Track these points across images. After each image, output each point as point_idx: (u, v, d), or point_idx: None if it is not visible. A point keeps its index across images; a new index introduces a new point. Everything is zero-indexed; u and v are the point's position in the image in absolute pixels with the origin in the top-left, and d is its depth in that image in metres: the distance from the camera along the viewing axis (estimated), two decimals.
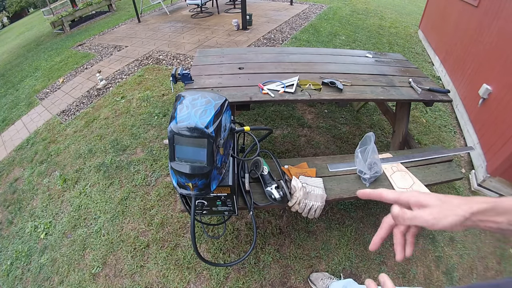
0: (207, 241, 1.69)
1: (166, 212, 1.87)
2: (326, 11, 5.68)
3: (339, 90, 1.63)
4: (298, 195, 1.17)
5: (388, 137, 2.41)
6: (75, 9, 6.81)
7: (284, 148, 2.29)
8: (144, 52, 4.29)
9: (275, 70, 1.86)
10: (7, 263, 1.81)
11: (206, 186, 0.85)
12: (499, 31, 2.20)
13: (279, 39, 4.29)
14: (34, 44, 6.54)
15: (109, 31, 5.75)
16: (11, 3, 18.94)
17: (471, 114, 2.41)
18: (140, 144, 2.45)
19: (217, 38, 4.48)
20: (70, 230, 1.88)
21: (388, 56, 2.24)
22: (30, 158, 2.63)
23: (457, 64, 2.90)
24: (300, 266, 1.57)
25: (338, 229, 1.74)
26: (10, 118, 3.48)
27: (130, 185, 2.09)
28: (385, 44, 4.22)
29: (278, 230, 1.73)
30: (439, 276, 1.56)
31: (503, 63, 2.04)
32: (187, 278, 1.53)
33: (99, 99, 3.26)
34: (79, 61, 4.44)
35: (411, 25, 5.15)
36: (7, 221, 2.10)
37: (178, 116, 0.79)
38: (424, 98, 1.67)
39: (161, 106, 2.91)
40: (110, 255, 1.69)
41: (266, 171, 1.25)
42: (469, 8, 2.87)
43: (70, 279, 1.61)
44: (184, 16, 6.03)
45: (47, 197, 2.16)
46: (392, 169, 1.40)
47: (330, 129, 2.48)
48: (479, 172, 2.03)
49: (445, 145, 2.37)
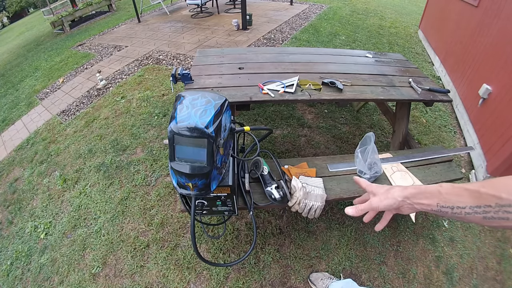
0: (207, 241, 1.69)
1: (166, 212, 1.87)
2: (326, 11, 5.68)
3: (339, 90, 1.63)
4: (298, 195, 1.17)
5: (388, 137, 2.41)
6: (75, 9, 6.81)
7: (284, 148, 2.29)
8: (144, 52, 4.29)
9: (275, 70, 1.86)
10: (7, 263, 1.81)
11: (206, 186, 0.85)
12: (499, 31, 2.20)
13: (279, 39, 4.29)
14: (34, 44, 6.54)
15: (109, 31, 5.75)
16: (11, 3, 18.94)
17: (471, 114, 2.41)
18: (140, 144, 2.45)
19: (217, 38, 4.48)
20: (70, 230, 1.88)
21: (388, 56, 2.24)
22: (30, 158, 2.63)
23: (457, 64, 2.89)
24: (300, 266, 1.57)
25: (338, 229, 1.74)
26: (10, 118, 3.48)
27: (130, 185, 2.09)
28: (385, 44, 4.22)
29: (278, 230, 1.73)
30: (439, 276, 1.56)
31: (503, 63, 2.04)
32: (187, 278, 1.53)
33: (99, 99, 3.26)
34: (79, 61, 4.44)
35: (411, 25, 5.15)
36: (7, 221, 2.10)
37: (178, 116, 0.79)
38: (424, 98, 1.67)
39: (161, 106, 2.91)
40: (110, 255, 1.69)
41: (266, 171, 1.25)
42: (469, 8, 2.87)
43: (70, 279, 1.61)
44: (184, 16, 6.03)
45: (47, 197, 2.16)
46: (392, 169, 1.40)
47: (330, 129, 2.48)
48: (479, 172, 2.03)
49: (445, 145, 2.37)
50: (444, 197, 0.48)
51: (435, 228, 1.77)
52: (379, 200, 0.57)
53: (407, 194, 0.53)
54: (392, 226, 1.76)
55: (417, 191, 0.52)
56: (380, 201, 0.57)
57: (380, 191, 0.59)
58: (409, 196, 0.53)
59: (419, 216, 1.84)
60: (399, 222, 1.78)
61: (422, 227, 1.77)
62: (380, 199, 0.57)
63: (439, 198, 0.49)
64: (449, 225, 1.80)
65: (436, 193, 0.49)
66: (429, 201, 0.50)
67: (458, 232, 1.77)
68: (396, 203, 0.54)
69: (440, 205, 0.48)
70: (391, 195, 0.56)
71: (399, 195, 0.54)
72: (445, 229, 1.78)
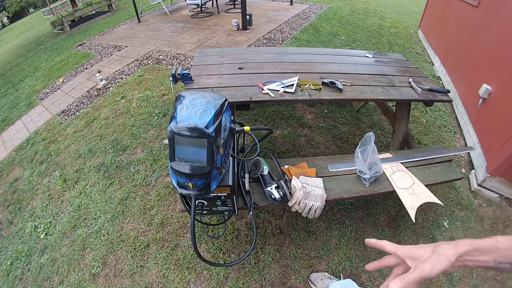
0: (207, 241, 1.69)
1: (166, 212, 1.87)
2: (326, 11, 5.68)
3: (339, 90, 1.63)
4: (298, 195, 1.17)
5: (388, 137, 2.41)
6: (75, 9, 6.81)
7: (284, 148, 2.29)
8: (144, 52, 4.29)
9: (275, 70, 1.86)
10: (7, 263, 1.81)
11: (206, 186, 0.85)
12: (499, 31, 2.20)
13: (279, 39, 4.29)
14: (34, 44, 6.54)
15: (109, 31, 5.75)
16: (11, 3, 18.94)
17: (471, 114, 2.41)
18: (140, 144, 2.45)
19: (217, 38, 4.48)
20: (70, 230, 1.88)
21: (388, 56, 2.24)
22: (30, 158, 2.63)
23: (457, 64, 2.89)
24: (300, 266, 1.57)
25: (338, 229, 1.74)
26: (10, 118, 3.48)
27: (130, 185, 2.09)
28: (385, 44, 4.22)
29: (278, 230, 1.73)
30: (439, 276, 1.56)
31: (503, 63, 2.04)
32: (187, 278, 1.53)
33: (99, 99, 3.26)
34: (79, 61, 4.44)
35: (411, 25, 5.15)
36: (7, 221, 2.10)
37: (178, 116, 0.79)
38: (424, 98, 1.67)
39: (161, 106, 2.91)
40: (110, 255, 1.69)
41: (266, 171, 1.25)
42: (469, 8, 2.87)
43: (70, 279, 1.61)
44: (184, 16, 6.03)
45: (47, 197, 2.16)
46: (392, 169, 1.40)
47: (330, 129, 2.48)
48: (479, 172, 2.03)
49: (445, 145, 2.37)
50: (502, 253, 0.44)
51: (435, 228, 1.77)
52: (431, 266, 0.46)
53: (460, 253, 0.46)
54: (392, 226, 1.76)
55: (471, 248, 0.46)
56: (433, 267, 0.46)
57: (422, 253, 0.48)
58: (463, 254, 0.46)
59: (419, 216, 1.84)
60: (399, 222, 1.78)
61: (422, 227, 1.77)
62: (431, 264, 0.46)
63: (497, 254, 0.44)
64: (449, 225, 1.80)
65: (493, 248, 0.45)
66: (486, 257, 0.45)
67: (458, 232, 1.77)
68: (450, 265, 0.46)
69: (498, 261, 0.44)
70: (443, 257, 0.46)
71: (451, 254, 0.46)
72: (445, 229, 1.78)
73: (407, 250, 0.50)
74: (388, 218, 1.82)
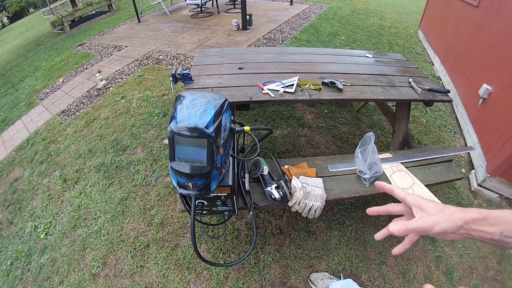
0: (207, 241, 1.69)
1: (166, 212, 1.87)
2: (326, 11, 5.68)
3: (339, 90, 1.63)
4: (298, 195, 1.17)
5: (388, 137, 2.40)
6: (75, 9, 6.81)
7: (284, 148, 2.29)
8: (144, 52, 4.29)
9: (275, 70, 1.86)
10: (7, 263, 1.81)
11: (206, 186, 0.85)
12: (499, 31, 2.20)
13: (279, 39, 4.29)
14: (34, 44, 6.54)
15: (109, 31, 5.75)
16: (11, 3, 18.94)
17: (471, 114, 2.41)
18: (140, 144, 2.45)
19: (217, 38, 4.48)
20: (70, 230, 1.88)
21: (388, 56, 2.24)
22: (30, 158, 2.63)
23: (457, 64, 2.89)
24: (300, 266, 1.57)
25: (338, 229, 1.74)
26: (10, 118, 3.48)
27: (130, 185, 2.09)
28: (385, 44, 4.22)
29: (278, 230, 1.73)
30: (439, 276, 1.56)
31: (503, 63, 2.04)
32: (187, 278, 1.53)
33: (99, 99, 3.26)
34: (79, 61, 4.44)
35: (411, 25, 5.15)
36: (7, 221, 2.10)
37: (178, 116, 0.79)
38: (424, 98, 1.67)
39: (161, 106, 2.91)
40: (110, 255, 1.69)
41: (266, 171, 1.25)
42: (469, 8, 2.87)
43: (70, 279, 1.61)
44: (184, 16, 6.03)
45: (47, 197, 2.16)
46: (392, 169, 1.40)
47: (330, 129, 2.48)
48: (479, 172, 2.03)
49: (445, 145, 2.37)
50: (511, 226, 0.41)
51: None
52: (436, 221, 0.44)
53: (468, 219, 0.43)
54: None
55: (479, 216, 0.43)
56: (437, 223, 0.44)
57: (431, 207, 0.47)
58: (470, 221, 0.43)
59: None
60: None
61: None
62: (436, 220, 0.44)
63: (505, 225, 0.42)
64: None
65: (501, 219, 0.42)
66: (492, 229, 0.42)
67: None
68: (453, 229, 0.44)
69: (504, 234, 0.41)
70: (449, 217, 0.44)
71: (459, 218, 0.44)
72: None
73: (416, 198, 0.49)
74: (388, 218, 1.81)
